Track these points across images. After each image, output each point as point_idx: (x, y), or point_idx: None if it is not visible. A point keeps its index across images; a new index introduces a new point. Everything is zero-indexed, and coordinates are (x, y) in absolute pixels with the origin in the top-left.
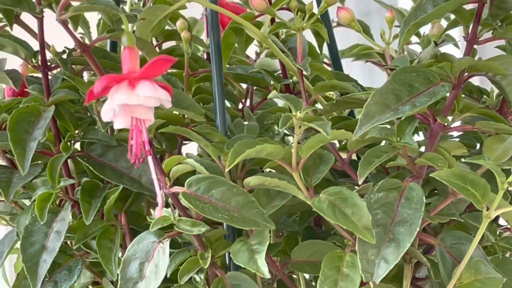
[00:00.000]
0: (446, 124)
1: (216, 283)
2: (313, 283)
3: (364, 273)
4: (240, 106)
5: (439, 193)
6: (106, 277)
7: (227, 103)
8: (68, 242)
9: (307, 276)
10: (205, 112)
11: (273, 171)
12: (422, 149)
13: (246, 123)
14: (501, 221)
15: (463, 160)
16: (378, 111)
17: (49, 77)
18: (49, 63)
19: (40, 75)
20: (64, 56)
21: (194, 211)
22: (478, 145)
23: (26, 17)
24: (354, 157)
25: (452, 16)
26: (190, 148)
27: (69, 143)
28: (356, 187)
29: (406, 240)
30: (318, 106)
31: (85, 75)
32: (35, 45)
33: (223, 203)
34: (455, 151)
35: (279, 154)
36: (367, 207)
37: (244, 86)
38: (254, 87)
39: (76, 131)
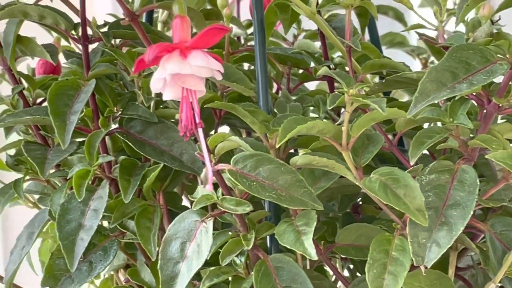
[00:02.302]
0: (501, 105)
1: (259, 265)
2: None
3: (415, 257)
4: (275, 89)
5: (487, 179)
6: (140, 259)
7: None
8: (103, 222)
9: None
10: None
11: None
12: None
13: None
14: None
15: None
16: (434, 89)
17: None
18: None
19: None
20: (105, 29)
21: (237, 190)
22: None
23: None
24: None
25: None
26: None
27: (108, 119)
28: None
29: (459, 224)
30: None
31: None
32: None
33: (270, 181)
34: (508, 134)
35: (330, 132)
36: None
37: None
38: (291, 71)
39: (115, 107)
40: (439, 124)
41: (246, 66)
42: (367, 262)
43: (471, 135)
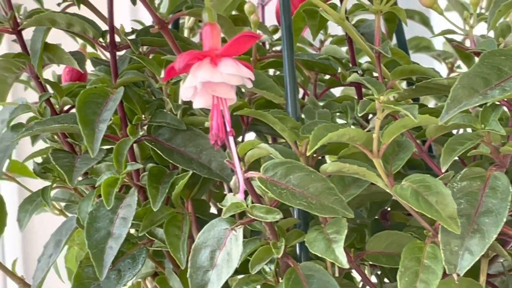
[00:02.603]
0: None
1: (289, 273)
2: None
3: (447, 265)
4: (301, 95)
5: None
6: (168, 267)
7: None
8: (131, 230)
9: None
10: None
11: None
12: None
13: None
14: None
15: None
16: (465, 95)
17: None
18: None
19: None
20: (133, 36)
21: (267, 198)
22: None
23: None
24: None
25: None
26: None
27: (136, 127)
28: None
29: (492, 231)
30: None
31: None
32: None
33: (300, 189)
34: None
35: (361, 139)
36: None
37: None
38: (318, 77)
39: (143, 115)
40: (469, 130)
41: (271, 71)
42: (398, 270)
43: (503, 141)
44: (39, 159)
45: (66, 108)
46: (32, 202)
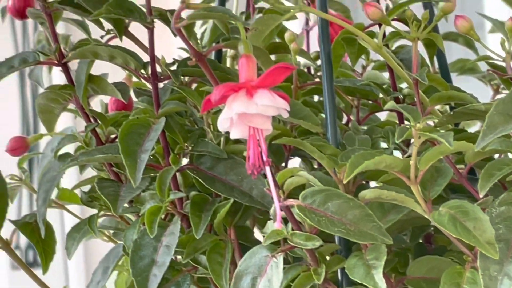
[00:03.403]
0: None
1: None
2: None
3: None
4: (344, 120)
5: None
6: None
7: None
8: (176, 257)
9: None
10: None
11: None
12: None
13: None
14: None
15: None
16: (501, 121)
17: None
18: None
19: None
20: (174, 67)
21: (307, 225)
22: None
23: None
24: None
25: None
26: (293, 164)
27: (178, 156)
28: None
29: None
30: None
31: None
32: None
33: (339, 216)
34: None
35: (398, 166)
36: None
37: None
38: (360, 101)
39: (186, 144)
40: (510, 155)
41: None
42: None
43: None
44: (87, 187)
45: (112, 137)
46: (80, 230)
